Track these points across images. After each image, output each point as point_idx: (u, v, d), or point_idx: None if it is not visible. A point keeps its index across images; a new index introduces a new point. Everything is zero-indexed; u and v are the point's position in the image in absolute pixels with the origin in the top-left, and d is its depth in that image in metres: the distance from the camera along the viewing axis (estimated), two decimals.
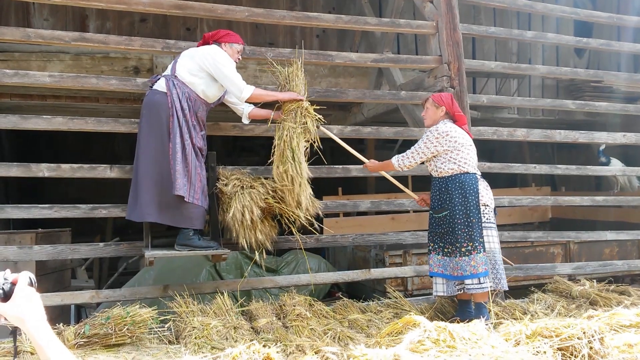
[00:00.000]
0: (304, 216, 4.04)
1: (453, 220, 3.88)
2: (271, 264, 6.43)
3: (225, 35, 4.09)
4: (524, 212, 8.79)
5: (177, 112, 3.82)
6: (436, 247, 4.00)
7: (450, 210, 3.91)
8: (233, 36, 4.12)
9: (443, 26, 5.13)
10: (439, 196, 3.99)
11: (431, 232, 4.06)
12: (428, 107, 4.10)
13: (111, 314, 3.31)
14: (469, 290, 3.91)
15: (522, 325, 2.86)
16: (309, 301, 4.03)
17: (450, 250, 3.88)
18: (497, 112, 7.81)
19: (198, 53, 3.99)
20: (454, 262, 3.86)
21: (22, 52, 5.62)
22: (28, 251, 4.07)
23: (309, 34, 7.01)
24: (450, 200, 3.90)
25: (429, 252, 4.08)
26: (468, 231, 3.89)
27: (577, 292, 4.68)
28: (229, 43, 4.08)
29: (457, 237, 3.85)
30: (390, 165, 4.10)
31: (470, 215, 3.91)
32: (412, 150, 4.00)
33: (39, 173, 4.09)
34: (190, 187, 3.81)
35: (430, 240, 4.06)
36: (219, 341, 3.34)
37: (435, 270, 3.99)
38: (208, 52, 3.95)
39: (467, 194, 3.93)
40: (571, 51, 8.33)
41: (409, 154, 4.02)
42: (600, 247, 7.01)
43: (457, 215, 3.88)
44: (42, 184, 9.23)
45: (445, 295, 4.01)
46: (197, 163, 3.90)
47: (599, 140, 5.68)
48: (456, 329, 2.77)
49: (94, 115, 5.73)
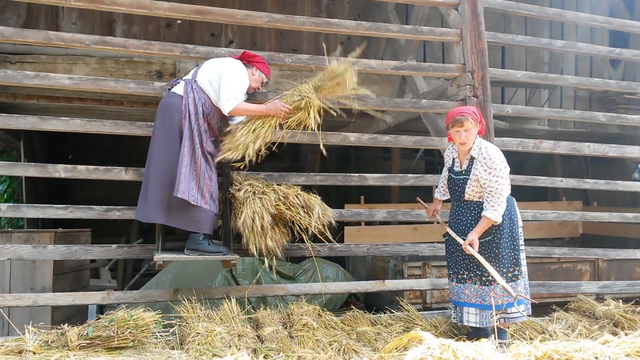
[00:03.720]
0: (314, 224, 3.98)
1: (499, 245, 3.67)
2: (288, 271, 6.39)
3: (259, 63, 4.20)
4: (553, 226, 8.54)
5: (190, 115, 3.82)
6: (472, 276, 3.71)
7: (494, 235, 3.67)
8: (266, 67, 4.24)
9: (467, 34, 5.01)
10: (476, 220, 3.68)
11: (464, 260, 3.74)
12: (470, 129, 3.65)
13: (115, 316, 3.30)
14: (513, 320, 3.72)
15: (533, 347, 2.72)
16: (318, 311, 3.96)
17: (493, 279, 3.57)
18: (526, 123, 7.60)
19: (222, 62, 4.04)
20: (498, 290, 3.60)
21: (48, 54, 5.73)
22: (42, 250, 4.12)
23: (333, 41, 6.95)
24: (498, 224, 3.66)
25: (459, 282, 3.77)
26: (514, 255, 3.72)
27: (601, 313, 4.47)
28: (259, 70, 4.17)
29: (504, 262, 3.65)
30: (491, 221, 3.61)
31: (516, 238, 3.74)
32: (496, 194, 3.58)
33: (56, 174, 4.14)
34: (198, 191, 3.79)
35: (464, 268, 3.75)
36: (222, 348, 3.29)
37: (473, 301, 3.70)
38: (230, 62, 4.03)
39: (512, 216, 3.75)
40: (606, 62, 8.06)
41: (499, 202, 3.59)
42: (631, 265, 6.74)
43: (504, 239, 3.67)
44: (71, 185, 9.43)
45: (478, 326, 3.72)
46: (207, 167, 3.88)
47: (630, 155, 5.45)
48: (461, 348, 2.65)
49: (120, 118, 5.79)
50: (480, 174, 3.63)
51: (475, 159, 3.69)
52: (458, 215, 3.83)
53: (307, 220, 3.96)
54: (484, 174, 3.61)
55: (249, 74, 4.10)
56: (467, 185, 3.72)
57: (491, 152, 3.65)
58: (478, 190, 3.69)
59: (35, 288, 4.90)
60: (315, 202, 4.05)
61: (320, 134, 4.29)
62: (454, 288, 3.83)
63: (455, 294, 3.82)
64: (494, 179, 3.59)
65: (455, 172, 3.85)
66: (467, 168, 3.74)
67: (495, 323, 3.63)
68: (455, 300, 3.82)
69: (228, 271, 5.89)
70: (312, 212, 4.01)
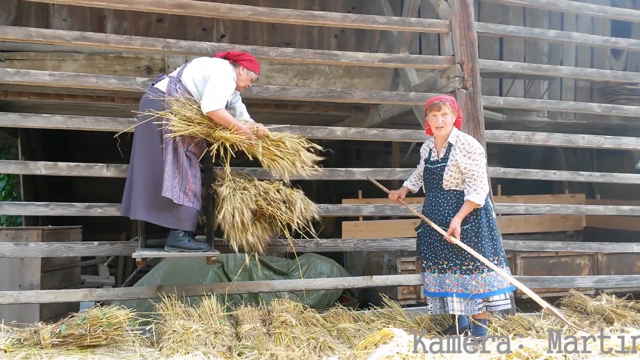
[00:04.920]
0: (297, 219, 3.92)
1: (478, 234, 3.66)
2: (282, 267, 6.34)
3: (247, 60, 4.07)
4: (556, 220, 8.42)
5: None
6: (452, 266, 3.70)
7: (472, 223, 3.67)
8: (254, 64, 4.10)
9: (457, 25, 4.92)
10: (455, 209, 3.67)
11: (443, 250, 3.72)
12: (447, 113, 3.70)
13: (88, 314, 3.28)
14: (495, 308, 3.71)
15: (503, 344, 2.65)
16: (299, 308, 3.91)
17: (473, 267, 3.62)
18: (525, 115, 7.48)
19: (209, 64, 3.95)
20: (480, 279, 3.62)
21: (37, 51, 5.72)
22: (24, 248, 4.11)
23: (326, 34, 6.88)
24: (475, 214, 3.67)
25: (440, 272, 3.75)
26: (493, 244, 3.71)
27: (592, 308, 4.38)
28: (247, 69, 4.05)
29: (484, 252, 3.62)
30: (474, 205, 3.62)
31: (493, 228, 3.74)
32: (478, 178, 3.61)
33: (37, 171, 4.14)
34: (180, 189, 3.76)
35: (443, 258, 3.73)
36: (196, 346, 3.25)
37: (454, 290, 3.68)
38: (217, 64, 3.93)
39: (487, 207, 3.75)
40: (607, 52, 7.89)
41: (482, 185, 3.61)
42: (631, 259, 6.61)
43: (482, 227, 3.67)
44: (73, 182, 9.46)
45: (464, 314, 3.72)
46: (189, 165, 3.85)
47: (627, 146, 5.32)
48: (429, 345, 2.59)
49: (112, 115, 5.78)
50: (460, 159, 3.66)
51: (453, 145, 3.72)
52: (435, 205, 3.80)
53: (289, 216, 3.91)
54: (464, 159, 3.65)
55: (237, 74, 4.02)
56: (445, 172, 3.71)
57: (469, 138, 3.75)
58: (456, 176, 3.69)
59: (23, 285, 4.91)
60: (297, 197, 3.99)
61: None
62: (435, 279, 3.81)
63: (436, 285, 3.80)
64: (474, 162, 3.63)
65: (432, 162, 3.85)
66: (445, 156, 3.75)
67: (479, 312, 3.67)
68: (436, 292, 3.80)
69: (219, 267, 5.85)
70: (294, 207, 3.96)
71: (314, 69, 6.50)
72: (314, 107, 6.86)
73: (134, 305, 4.44)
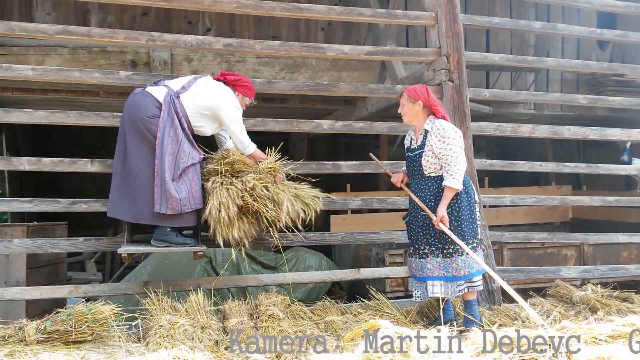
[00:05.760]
0: (284, 217, 3.89)
1: (458, 217, 3.74)
2: (271, 261, 6.33)
3: (244, 87, 4.08)
4: (543, 211, 8.47)
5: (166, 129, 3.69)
6: (433, 250, 3.80)
7: (452, 207, 3.74)
8: (250, 90, 4.12)
9: (442, 17, 4.91)
10: (436, 195, 3.77)
11: (425, 235, 3.82)
12: (404, 103, 3.87)
13: (73, 310, 3.26)
14: (476, 288, 3.82)
15: (490, 334, 2.67)
16: (287, 301, 3.91)
17: (453, 250, 3.72)
18: (512, 108, 7.51)
19: (216, 94, 3.89)
20: (460, 261, 3.71)
21: (20, 46, 5.66)
22: (8, 245, 4.07)
23: (313, 27, 6.86)
24: (455, 198, 3.73)
25: (421, 257, 3.85)
26: (472, 227, 3.80)
27: (578, 298, 4.42)
28: (242, 94, 4.06)
29: (464, 235, 3.71)
30: (454, 190, 3.68)
31: (473, 212, 3.83)
32: (452, 163, 3.66)
33: (20, 166, 4.10)
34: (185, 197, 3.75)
35: (425, 243, 3.83)
36: (183, 341, 3.23)
37: (436, 274, 3.77)
38: (227, 103, 3.88)
39: (468, 191, 3.84)
40: (593, 44, 7.93)
41: (457, 169, 3.66)
42: (617, 249, 6.66)
43: (463, 211, 3.74)
44: (60, 179, 9.36)
45: (444, 296, 3.79)
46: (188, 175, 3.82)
47: (612, 137, 5.36)
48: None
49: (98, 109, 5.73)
50: (434, 144, 3.72)
51: (428, 131, 3.79)
52: (418, 192, 3.87)
53: (275, 213, 3.87)
54: (439, 144, 3.70)
55: (237, 100, 4.01)
56: (423, 158, 3.78)
57: (444, 124, 3.76)
58: (434, 162, 3.76)
59: (8, 282, 4.85)
60: (284, 196, 3.94)
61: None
62: (417, 264, 3.89)
63: (418, 270, 3.88)
64: (448, 147, 3.68)
65: (412, 150, 3.93)
66: (422, 142, 3.83)
67: (459, 293, 3.78)
68: (419, 276, 3.88)
69: (208, 262, 5.84)
70: (280, 207, 3.93)
71: (300, 63, 6.48)
72: (301, 101, 6.84)
73: (121, 301, 4.40)
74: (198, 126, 3.92)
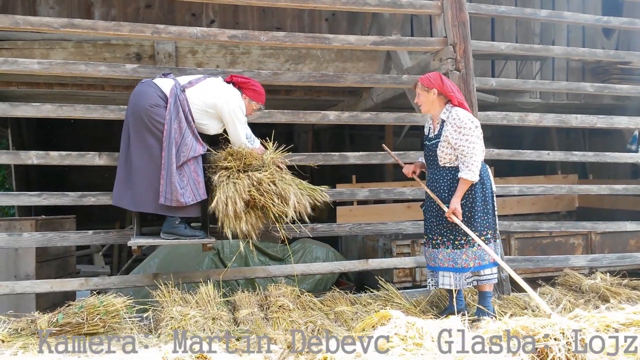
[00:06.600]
0: (291, 213, 3.86)
1: (472, 209, 3.69)
2: (278, 253, 6.34)
3: (252, 90, 4.04)
4: (550, 200, 8.46)
5: (172, 122, 3.70)
6: (445, 241, 3.76)
7: (467, 199, 3.69)
8: (258, 94, 4.07)
9: (448, 6, 4.88)
10: (450, 186, 3.72)
11: (438, 225, 3.78)
12: (419, 93, 3.81)
13: (85, 303, 3.27)
14: (487, 281, 3.77)
15: (503, 323, 2.67)
16: (296, 292, 3.92)
17: (465, 242, 3.68)
18: (518, 97, 7.48)
19: (221, 93, 3.88)
20: (470, 252, 3.68)
21: (25, 40, 5.65)
22: (18, 238, 4.08)
23: (317, 18, 6.83)
24: (470, 188, 3.68)
25: (433, 247, 3.81)
26: (487, 219, 3.74)
27: (587, 286, 4.41)
28: (250, 98, 4.03)
29: (476, 226, 3.67)
30: (468, 182, 3.63)
31: (488, 202, 3.77)
32: (468, 154, 3.59)
33: (28, 160, 4.09)
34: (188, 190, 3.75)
35: (437, 233, 3.78)
36: (194, 332, 3.25)
37: (445, 265, 3.74)
38: (230, 101, 3.86)
39: (484, 181, 3.77)
40: (599, 32, 7.88)
41: (473, 161, 3.59)
42: (625, 238, 6.66)
43: (477, 202, 3.69)
44: (67, 172, 9.38)
45: (453, 288, 3.74)
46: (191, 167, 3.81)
47: (619, 125, 5.33)
48: (426, 326, 2.61)
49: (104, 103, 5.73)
50: (450, 135, 3.66)
51: (445, 121, 3.73)
52: (433, 182, 3.83)
53: (282, 208, 3.86)
54: (454, 134, 3.64)
55: (245, 103, 3.99)
56: (439, 148, 3.73)
57: (460, 113, 3.68)
58: (449, 152, 3.70)
59: (18, 276, 4.89)
60: (290, 191, 3.92)
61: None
62: (430, 254, 3.86)
63: (431, 259, 3.85)
64: (464, 137, 3.61)
65: (429, 139, 3.87)
66: (439, 132, 3.77)
67: (468, 285, 3.76)
68: (432, 266, 3.85)
69: (215, 254, 5.86)
70: (287, 202, 3.91)
71: (305, 54, 6.46)
72: (307, 92, 6.83)
73: (131, 294, 4.42)
74: (202, 124, 3.90)
